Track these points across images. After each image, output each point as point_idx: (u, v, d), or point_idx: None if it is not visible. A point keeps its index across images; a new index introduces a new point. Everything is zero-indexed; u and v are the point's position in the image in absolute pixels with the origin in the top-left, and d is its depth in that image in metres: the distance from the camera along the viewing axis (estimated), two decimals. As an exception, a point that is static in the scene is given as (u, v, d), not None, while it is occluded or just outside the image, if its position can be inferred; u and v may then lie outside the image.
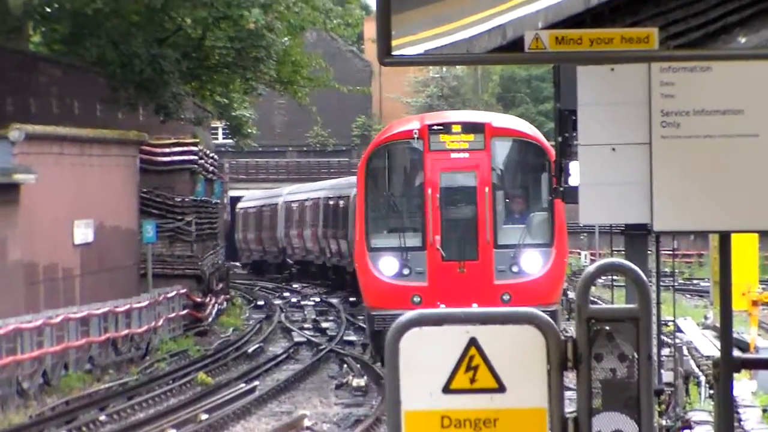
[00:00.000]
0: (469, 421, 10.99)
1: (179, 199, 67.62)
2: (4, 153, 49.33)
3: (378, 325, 36.40)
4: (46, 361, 46.94)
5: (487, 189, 34.27)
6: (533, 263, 33.45)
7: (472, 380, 10.99)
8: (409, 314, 11.41)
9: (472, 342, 10.98)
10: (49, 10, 68.18)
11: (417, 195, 35.94)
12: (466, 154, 34.45)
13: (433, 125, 35.54)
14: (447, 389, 11.02)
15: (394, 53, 10.49)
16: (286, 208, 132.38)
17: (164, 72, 72.41)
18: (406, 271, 34.71)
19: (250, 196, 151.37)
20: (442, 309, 26.49)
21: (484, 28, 10.61)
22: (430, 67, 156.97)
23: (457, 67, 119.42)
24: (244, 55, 77.86)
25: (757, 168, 13.21)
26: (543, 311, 16.88)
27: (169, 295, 62.60)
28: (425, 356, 11.10)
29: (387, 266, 35.03)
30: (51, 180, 51.81)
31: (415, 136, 35.04)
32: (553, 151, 35.10)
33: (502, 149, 35.10)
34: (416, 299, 33.49)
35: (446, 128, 35.54)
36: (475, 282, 34.05)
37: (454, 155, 34.42)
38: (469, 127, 35.39)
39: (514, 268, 32.62)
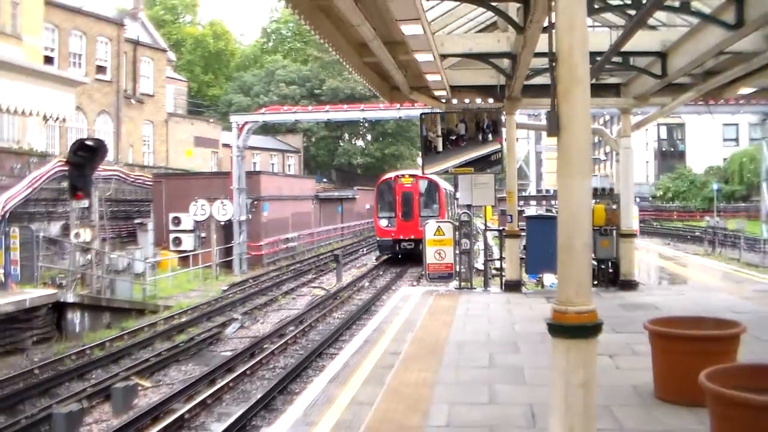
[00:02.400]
0: (438, 242, 16.20)
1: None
2: (354, 192, 59.53)
3: (379, 243, 38.55)
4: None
5: (417, 197, 36.41)
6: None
7: (439, 235, 16.35)
8: (428, 221, 17.55)
9: (439, 226, 16.57)
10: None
11: (393, 198, 36.79)
12: (410, 185, 36.52)
13: (398, 175, 37.80)
14: (434, 234, 16.39)
15: (425, 172, 16.63)
16: None
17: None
18: (389, 225, 36.78)
19: None
20: (437, 218, 31.03)
21: (443, 167, 15.75)
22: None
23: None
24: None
25: (486, 190, 16.59)
26: None
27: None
28: (431, 229, 16.55)
29: (383, 223, 37.18)
30: (359, 197, 59.63)
31: (392, 178, 37.66)
32: (441, 184, 38.69)
33: (422, 183, 36.16)
34: (392, 234, 36.07)
35: (403, 176, 37.48)
36: (412, 229, 34.58)
37: (406, 185, 36.49)
38: (410, 176, 37.13)
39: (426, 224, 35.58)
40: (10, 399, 13.20)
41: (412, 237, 35.30)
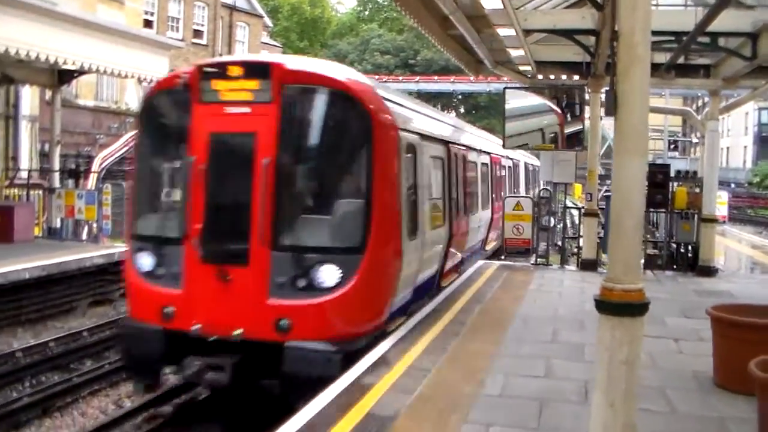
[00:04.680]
0: (517, 216, 16.02)
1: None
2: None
3: (128, 343, 9.18)
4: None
5: (266, 161, 8.14)
6: (330, 275, 8.16)
7: (518, 210, 16.11)
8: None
9: (518, 201, 16.48)
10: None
11: (182, 166, 8.98)
12: (247, 109, 8.42)
13: (206, 66, 8.84)
14: (513, 209, 16.11)
15: (506, 147, 16.96)
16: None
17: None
18: (160, 270, 8.79)
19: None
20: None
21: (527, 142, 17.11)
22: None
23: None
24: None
25: (568, 167, 17.03)
26: (344, 347, 8.19)
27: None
28: (510, 203, 17.01)
29: (143, 260, 8.95)
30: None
31: (181, 81, 8.79)
32: (382, 113, 8.89)
33: (300, 103, 8.46)
34: (167, 310, 8.41)
35: (222, 70, 8.54)
36: (243, 298, 8.15)
37: (230, 110, 8.50)
38: (253, 70, 8.48)
39: (301, 282, 8.17)
40: (98, 345, 13.83)
41: (263, 340, 8.40)
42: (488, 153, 18.10)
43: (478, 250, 16.68)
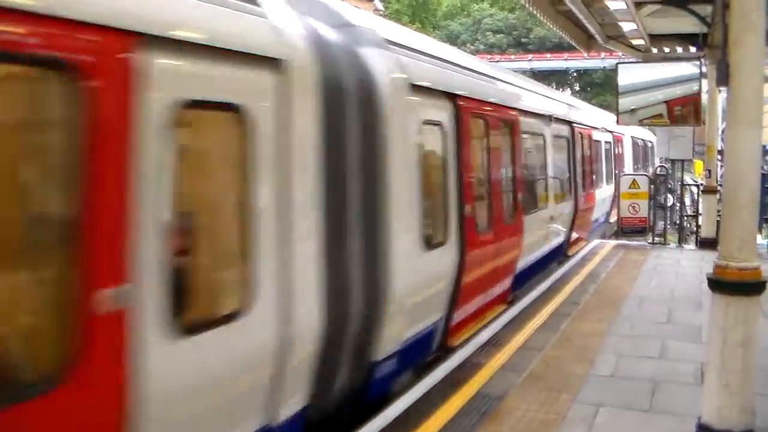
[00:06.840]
0: (633, 195, 15.59)
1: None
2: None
3: None
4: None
5: None
6: None
7: (634, 188, 15.64)
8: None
9: (634, 179, 15.94)
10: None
11: None
12: None
13: None
14: (628, 188, 15.69)
15: (620, 123, 16.74)
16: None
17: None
18: None
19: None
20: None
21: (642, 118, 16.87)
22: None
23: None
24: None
25: (684, 142, 16.38)
26: None
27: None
28: (625, 181, 16.52)
29: None
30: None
31: None
32: None
33: None
34: None
35: None
36: None
37: None
38: None
39: None
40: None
41: None
42: (569, 123, 13.60)
43: (551, 261, 12.75)
